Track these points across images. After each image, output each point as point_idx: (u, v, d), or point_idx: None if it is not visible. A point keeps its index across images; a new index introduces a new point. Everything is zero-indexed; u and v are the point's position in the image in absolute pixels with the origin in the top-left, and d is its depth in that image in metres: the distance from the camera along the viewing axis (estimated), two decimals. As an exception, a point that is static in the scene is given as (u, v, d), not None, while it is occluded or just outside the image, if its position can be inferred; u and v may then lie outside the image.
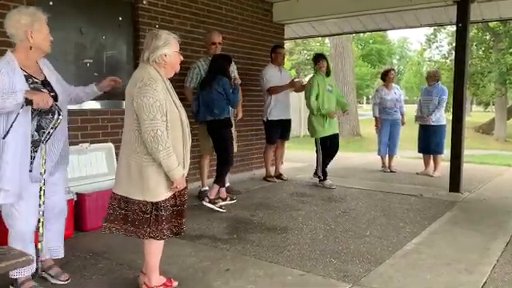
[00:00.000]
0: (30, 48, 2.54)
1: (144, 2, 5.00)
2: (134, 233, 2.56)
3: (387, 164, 7.30)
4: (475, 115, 27.82)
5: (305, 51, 29.19)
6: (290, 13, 6.96)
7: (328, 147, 5.95)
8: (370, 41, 40.05)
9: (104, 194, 3.95)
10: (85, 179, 4.22)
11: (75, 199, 3.81)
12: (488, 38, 19.47)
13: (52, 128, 2.51)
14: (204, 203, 4.67)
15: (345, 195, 5.49)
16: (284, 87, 6.09)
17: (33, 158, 2.56)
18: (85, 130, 4.44)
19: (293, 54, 28.05)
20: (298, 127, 15.01)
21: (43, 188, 2.60)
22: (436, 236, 3.90)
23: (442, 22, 7.67)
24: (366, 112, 24.23)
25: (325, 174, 6.01)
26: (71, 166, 4.08)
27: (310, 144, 6.77)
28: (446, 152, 6.56)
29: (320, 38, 25.34)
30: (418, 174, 6.96)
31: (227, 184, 5.23)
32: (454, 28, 6.54)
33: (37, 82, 2.59)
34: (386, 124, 7.14)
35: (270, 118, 6.10)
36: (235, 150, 5.08)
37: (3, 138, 2.41)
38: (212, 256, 3.34)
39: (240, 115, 5.48)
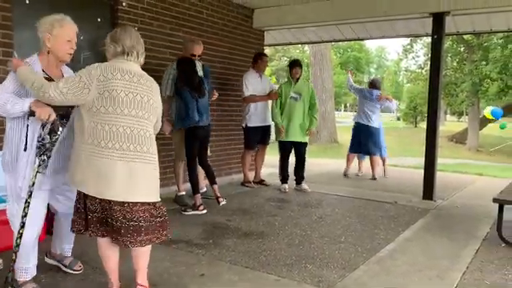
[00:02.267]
0: (48, 52, 2.59)
1: (123, 4, 4.96)
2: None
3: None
4: (449, 125, 28.53)
5: (285, 57, 29.43)
6: (270, 19, 7.01)
7: (291, 153, 6.14)
8: (349, 49, 40.66)
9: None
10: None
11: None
12: (462, 49, 20.04)
13: (49, 143, 2.48)
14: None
15: (321, 201, 5.53)
16: (262, 99, 6.12)
17: (43, 160, 2.53)
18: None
19: (272, 60, 28.22)
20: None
21: (28, 200, 2.52)
22: (409, 243, 3.97)
23: (419, 33, 7.86)
24: (343, 119, 24.53)
25: (284, 177, 6.12)
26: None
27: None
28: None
29: (300, 46, 25.62)
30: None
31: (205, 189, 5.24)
32: (429, 39, 6.70)
33: None
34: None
35: (249, 125, 6.11)
36: (209, 153, 5.16)
37: (24, 151, 2.48)
38: (187, 261, 3.31)
39: None
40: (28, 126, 2.47)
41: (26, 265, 2.66)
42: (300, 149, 6.11)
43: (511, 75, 17.57)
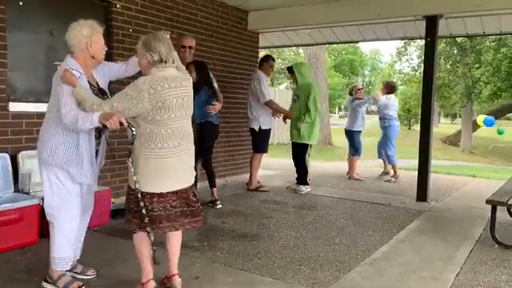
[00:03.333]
0: (91, 57, 2.78)
1: (117, 6, 4.95)
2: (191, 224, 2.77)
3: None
4: (442, 127, 28.68)
5: (279, 60, 29.43)
6: (264, 22, 7.02)
7: (294, 154, 6.28)
8: (343, 52, 40.80)
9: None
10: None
11: (41, 204, 3.70)
12: (455, 52, 20.15)
13: (131, 144, 2.59)
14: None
15: (315, 203, 5.54)
16: (282, 112, 6.20)
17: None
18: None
19: (267, 62, 28.20)
20: (272, 135, 15.10)
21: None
22: (403, 244, 3.98)
23: (412, 35, 7.90)
24: (338, 122, 24.57)
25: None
26: (37, 170, 3.97)
27: (280, 151, 6.83)
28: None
29: (294, 48, 25.63)
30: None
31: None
32: (423, 42, 6.75)
33: (94, 90, 2.78)
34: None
35: (263, 127, 6.06)
36: None
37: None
38: (182, 263, 3.28)
39: None
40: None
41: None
42: (293, 149, 6.18)
43: (503, 78, 17.68)
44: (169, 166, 2.58)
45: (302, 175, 6.18)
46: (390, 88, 7.54)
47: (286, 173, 6.92)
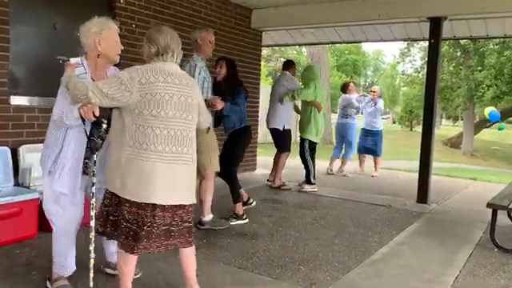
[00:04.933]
0: (98, 56, 2.61)
1: (121, 1, 4.94)
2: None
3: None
4: (444, 129, 28.60)
5: (282, 58, 29.39)
6: (268, 20, 7.01)
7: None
8: (346, 51, 40.73)
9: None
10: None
11: (40, 198, 3.69)
12: (458, 54, 20.10)
13: (98, 138, 2.47)
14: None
15: (315, 203, 5.53)
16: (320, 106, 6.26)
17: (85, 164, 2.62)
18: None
19: (270, 61, 28.20)
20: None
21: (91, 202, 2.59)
22: (403, 246, 3.97)
23: (416, 37, 7.88)
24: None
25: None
26: (38, 165, 3.97)
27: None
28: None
29: (297, 47, 25.59)
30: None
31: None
32: (426, 43, 6.73)
33: None
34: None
35: (286, 127, 6.20)
36: None
37: (93, 153, 2.53)
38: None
39: None
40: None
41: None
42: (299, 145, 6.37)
43: (506, 81, 17.64)
44: (157, 173, 2.29)
45: (306, 173, 6.26)
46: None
47: (293, 172, 6.96)
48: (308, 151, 6.20)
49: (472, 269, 3.45)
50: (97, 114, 2.34)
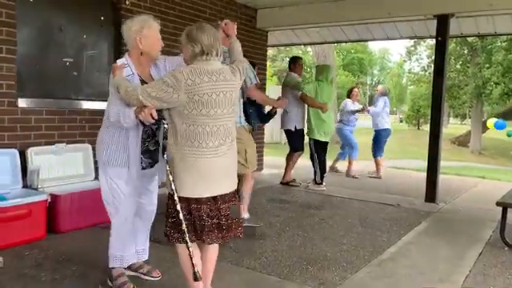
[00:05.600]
0: (141, 54, 2.64)
1: (127, 3, 4.95)
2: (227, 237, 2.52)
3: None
4: (452, 127, 28.45)
5: (287, 58, 29.38)
6: (273, 20, 6.99)
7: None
8: (352, 50, 40.61)
9: (79, 195, 3.89)
10: (60, 180, 4.13)
11: (49, 200, 3.72)
12: (466, 52, 19.98)
13: (164, 139, 2.50)
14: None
15: (323, 202, 5.51)
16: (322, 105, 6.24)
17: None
18: (62, 129, 4.36)
19: (275, 60, 28.20)
20: (279, 134, 15.05)
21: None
22: (411, 245, 3.94)
23: (422, 34, 7.83)
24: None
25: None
26: (46, 166, 4.02)
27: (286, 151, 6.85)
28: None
29: (303, 46, 25.53)
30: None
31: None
32: (433, 41, 6.69)
33: None
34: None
35: (298, 127, 6.29)
36: None
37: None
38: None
39: None
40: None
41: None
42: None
43: (513, 79, 17.53)
44: (209, 167, 2.36)
45: (314, 173, 6.32)
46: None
47: (301, 171, 6.96)
48: (314, 151, 6.22)
49: (482, 268, 3.42)
50: (155, 116, 2.36)
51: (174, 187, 2.34)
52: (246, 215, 4.23)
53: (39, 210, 3.60)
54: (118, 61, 2.68)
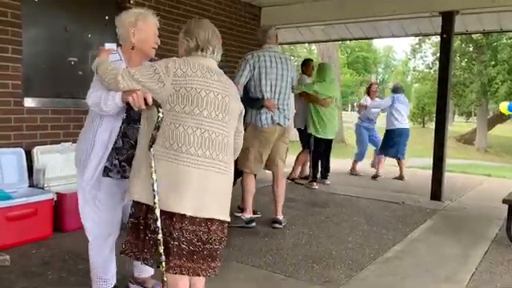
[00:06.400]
0: (132, 48, 2.42)
1: (131, 2, 4.96)
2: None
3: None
4: (457, 125, 28.30)
5: (292, 56, 29.35)
6: (277, 18, 6.97)
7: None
8: (356, 49, 40.46)
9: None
10: (65, 179, 4.14)
11: (55, 199, 3.74)
12: (471, 49, 19.86)
13: (155, 129, 2.00)
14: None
15: (328, 201, 5.51)
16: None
17: (113, 164, 2.35)
18: (67, 128, 4.38)
19: (280, 59, 28.13)
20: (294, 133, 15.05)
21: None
22: (417, 243, 3.93)
23: (428, 32, 7.79)
24: (350, 119, 24.39)
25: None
26: (52, 165, 4.03)
27: (295, 149, 6.85)
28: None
29: (307, 44, 25.51)
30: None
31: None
32: (438, 38, 6.66)
33: None
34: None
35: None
36: None
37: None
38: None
39: None
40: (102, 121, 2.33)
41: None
42: None
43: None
44: (190, 179, 1.97)
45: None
46: None
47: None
48: (309, 145, 6.30)
49: (488, 266, 3.40)
50: (150, 101, 2.02)
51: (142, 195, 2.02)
52: (280, 217, 4.32)
53: (45, 209, 3.62)
54: (106, 44, 2.48)
